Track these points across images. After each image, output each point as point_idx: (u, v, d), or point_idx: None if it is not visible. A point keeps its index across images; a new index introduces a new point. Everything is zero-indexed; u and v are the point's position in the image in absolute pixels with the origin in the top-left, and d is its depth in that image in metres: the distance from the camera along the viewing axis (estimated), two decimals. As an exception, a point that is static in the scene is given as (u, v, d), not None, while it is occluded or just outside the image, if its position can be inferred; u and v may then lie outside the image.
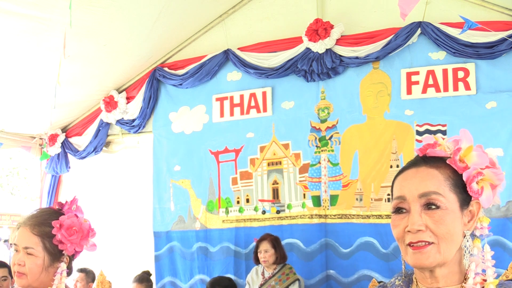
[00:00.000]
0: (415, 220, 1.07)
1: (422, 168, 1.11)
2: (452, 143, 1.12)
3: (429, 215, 1.07)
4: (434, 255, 1.06)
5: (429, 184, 1.08)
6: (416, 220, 1.07)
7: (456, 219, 1.07)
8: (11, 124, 5.30)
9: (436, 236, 1.06)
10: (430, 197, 1.07)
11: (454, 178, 1.09)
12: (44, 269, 1.66)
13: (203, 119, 4.92)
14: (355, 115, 4.35)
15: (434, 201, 1.07)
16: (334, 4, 4.48)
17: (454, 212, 1.07)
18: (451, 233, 1.06)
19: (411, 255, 1.08)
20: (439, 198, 1.07)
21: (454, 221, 1.07)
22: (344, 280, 4.24)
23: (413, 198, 1.09)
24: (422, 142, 1.16)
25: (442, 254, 1.06)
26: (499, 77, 3.91)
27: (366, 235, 4.18)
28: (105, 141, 5.44)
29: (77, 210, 1.72)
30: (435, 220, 1.06)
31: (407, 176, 1.13)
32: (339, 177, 4.35)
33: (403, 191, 1.11)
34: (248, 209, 4.65)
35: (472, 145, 1.10)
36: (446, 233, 1.06)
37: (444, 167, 1.10)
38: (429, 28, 4.04)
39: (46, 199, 5.66)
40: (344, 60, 4.32)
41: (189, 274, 4.84)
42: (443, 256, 1.07)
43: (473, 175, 1.08)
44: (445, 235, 1.06)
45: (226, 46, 4.80)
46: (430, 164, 1.11)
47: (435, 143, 1.13)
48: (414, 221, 1.07)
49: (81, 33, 3.99)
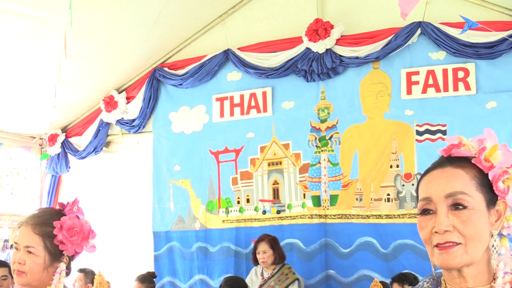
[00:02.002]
0: (442, 220, 1.06)
1: (447, 169, 1.10)
2: (477, 143, 1.11)
3: (456, 215, 1.06)
4: (461, 256, 1.05)
5: (455, 184, 1.07)
6: (443, 221, 1.06)
7: (483, 218, 1.07)
8: (11, 124, 5.30)
9: (464, 237, 1.05)
10: (457, 197, 1.06)
11: (480, 178, 1.09)
12: (44, 268, 1.66)
13: (203, 119, 4.92)
14: (355, 115, 4.35)
15: (461, 201, 1.06)
16: (334, 4, 4.48)
17: (481, 212, 1.06)
18: (478, 233, 1.05)
19: (438, 255, 1.07)
20: (466, 198, 1.06)
21: (481, 221, 1.06)
22: (343, 280, 4.24)
23: (440, 199, 1.08)
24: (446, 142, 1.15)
25: (469, 255, 1.05)
26: (499, 77, 3.91)
27: (366, 235, 4.19)
28: (105, 141, 5.44)
29: (78, 211, 1.72)
30: (462, 220, 1.05)
31: (433, 177, 1.11)
32: (339, 177, 4.35)
33: (429, 192, 1.10)
34: (249, 209, 4.65)
35: (497, 144, 1.10)
36: (474, 233, 1.05)
37: (470, 166, 1.10)
38: (429, 28, 4.04)
39: (46, 199, 5.66)
40: (344, 60, 4.32)
41: (188, 274, 4.84)
42: (470, 256, 1.05)
43: (499, 174, 1.07)
44: (472, 235, 1.05)
45: (226, 46, 4.80)
46: (455, 164, 1.10)
47: (459, 143, 1.12)
48: (441, 221, 1.06)
49: (81, 33, 3.99)
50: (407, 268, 3.93)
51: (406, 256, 4.00)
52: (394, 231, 4.07)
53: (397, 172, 4.15)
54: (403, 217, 4.08)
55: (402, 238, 4.04)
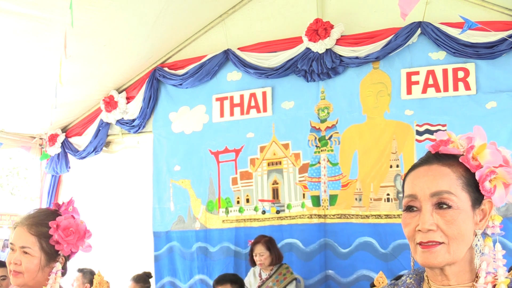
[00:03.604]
0: (426, 219, 1.05)
1: (434, 166, 1.09)
2: (466, 140, 1.10)
3: (440, 214, 1.05)
4: (443, 255, 1.05)
5: (441, 183, 1.06)
6: (427, 220, 1.05)
7: (468, 218, 1.06)
8: (11, 124, 5.30)
9: (447, 236, 1.04)
10: (442, 197, 1.05)
11: (467, 177, 1.07)
12: (40, 268, 1.67)
13: (203, 119, 4.92)
14: (355, 115, 4.34)
15: (446, 201, 1.05)
16: (334, 4, 4.48)
17: (466, 212, 1.06)
18: (462, 233, 1.05)
19: (420, 253, 1.07)
20: (451, 197, 1.05)
21: (466, 221, 1.05)
22: (343, 280, 4.23)
23: (425, 197, 1.07)
24: (435, 138, 1.13)
25: (451, 254, 1.05)
26: (499, 77, 3.90)
27: (365, 235, 4.18)
28: (105, 141, 5.44)
29: (74, 211, 1.72)
30: (447, 220, 1.04)
31: (419, 174, 1.10)
32: (338, 177, 4.35)
33: (415, 189, 1.09)
34: (248, 209, 4.65)
35: (486, 143, 1.09)
36: (457, 234, 1.04)
37: (457, 165, 1.08)
38: (429, 28, 4.03)
39: (46, 199, 5.66)
40: (344, 60, 4.32)
41: (188, 274, 4.84)
42: (452, 256, 1.05)
43: (486, 174, 1.06)
44: (456, 235, 1.04)
45: (226, 46, 4.80)
46: (443, 162, 1.09)
47: (448, 139, 1.11)
48: (425, 220, 1.05)
49: (81, 33, 3.99)
50: (406, 268, 3.92)
51: (405, 256, 3.99)
52: (393, 231, 4.06)
53: (397, 172, 4.15)
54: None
55: (402, 238, 4.02)
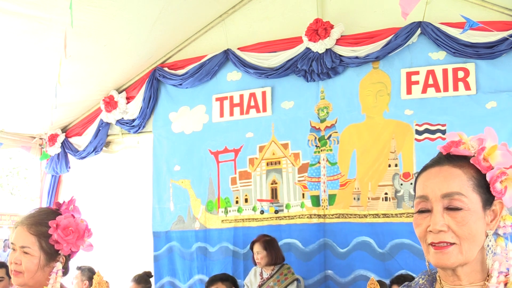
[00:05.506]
0: (437, 220, 1.06)
1: (445, 167, 1.10)
2: (477, 142, 1.11)
3: (451, 215, 1.06)
4: (456, 256, 1.06)
5: (452, 184, 1.07)
6: (438, 221, 1.06)
7: (479, 219, 1.07)
8: (11, 124, 5.30)
9: (458, 237, 1.05)
10: (453, 198, 1.06)
11: (478, 178, 1.08)
12: (40, 268, 1.66)
13: (203, 119, 4.92)
14: (354, 114, 4.34)
15: (457, 202, 1.06)
16: (334, 4, 4.48)
17: (477, 213, 1.07)
18: (473, 234, 1.06)
19: (433, 254, 1.08)
20: (462, 198, 1.06)
21: (477, 222, 1.06)
22: (341, 280, 4.23)
23: (436, 198, 1.08)
24: (446, 140, 1.14)
25: (464, 255, 1.06)
26: (499, 77, 3.90)
27: (363, 235, 4.17)
28: (105, 141, 5.44)
29: (74, 210, 1.72)
30: (458, 221, 1.05)
31: (430, 175, 1.12)
32: (337, 176, 4.34)
33: (426, 190, 1.10)
34: (247, 209, 4.65)
35: (497, 144, 1.09)
36: (468, 234, 1.05)
37: (468, 166, 1.09)
38: (429, 28, 4.03)
39: (46, 199, 5.66)
40: (344, 60, 4.32)
41: (188, 274, 4.84)
42: (465, 256, 1.06)
43: (497, 175, 1.07)
44: (467, 236, 1.05)
45: (226, 46, 4.80)
46: (454, 163, 1.10)
47: (459, 141, 1.12)
48: (436, 221, 1.06)
49: (81, 33, 3.99)
50: (403, 268, 3.93)
51: (402, 255, 3.99)
52: (391, 231, 4.05)
53: (396, 171, 4.15)
54: (400, 217, 4.07)
55: (399, 238, 4.02)
